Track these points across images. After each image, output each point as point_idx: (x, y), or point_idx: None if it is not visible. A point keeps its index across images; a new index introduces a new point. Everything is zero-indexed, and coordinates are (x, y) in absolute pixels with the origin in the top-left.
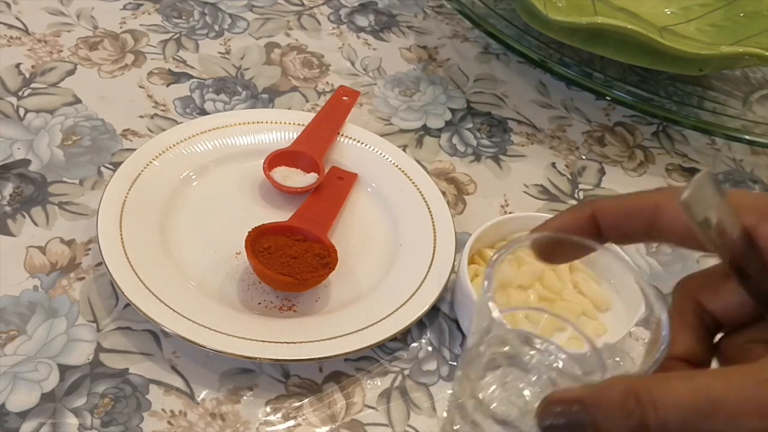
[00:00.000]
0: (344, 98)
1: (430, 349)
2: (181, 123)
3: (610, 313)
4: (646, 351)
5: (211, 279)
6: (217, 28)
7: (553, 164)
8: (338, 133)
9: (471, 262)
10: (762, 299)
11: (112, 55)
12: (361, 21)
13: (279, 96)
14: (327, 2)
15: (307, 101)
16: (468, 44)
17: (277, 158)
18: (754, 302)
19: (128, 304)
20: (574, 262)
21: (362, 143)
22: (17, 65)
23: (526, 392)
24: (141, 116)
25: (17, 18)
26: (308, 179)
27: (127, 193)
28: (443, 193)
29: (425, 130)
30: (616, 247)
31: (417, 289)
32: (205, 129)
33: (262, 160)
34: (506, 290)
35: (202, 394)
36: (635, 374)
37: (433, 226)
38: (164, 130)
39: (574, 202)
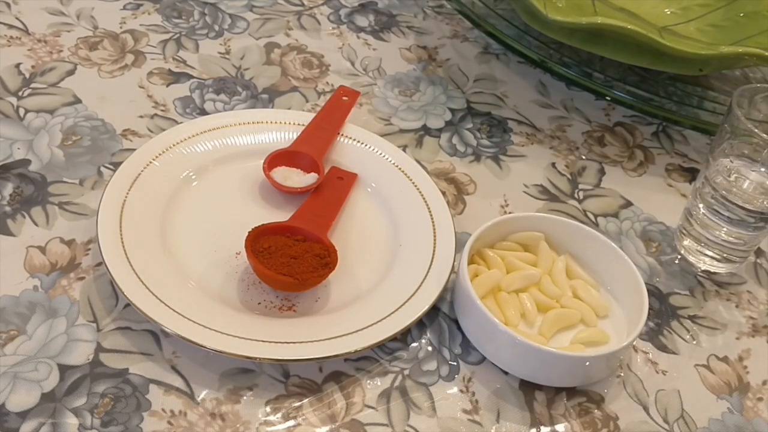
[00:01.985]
0: (344, 98)
1: (430, 349)
2: (181, 123)
3: (609, 320)
4: None
5: (211, 279)
6: (217, 28)
7: (553, 164)
8: (338, 133)
9: (471, 262)
10: None
11: (112, 55)
12: (361, 21)
13: (279, 96)
14: (327, 2)
15: (307, 101)
16: (468, 44)
17: (277, 158)
18: None
19: (128, 304)
20: (573, 267)
21: (362, 143)
22: (17, 65)
23: None
24: (141, 116)
25: (17, 18)
26: (308, 179)
27: (127, 193)
28: (443, 193)
29: (425, 130)
30: (617, 249)
31: (417, 289)
32: (205, 129)
33: (262, 160)
34: (497, 294)
35: (202, 394)
36: None
37: (433, 226)
38: (164, 130)
39: (574, 203)
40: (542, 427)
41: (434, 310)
